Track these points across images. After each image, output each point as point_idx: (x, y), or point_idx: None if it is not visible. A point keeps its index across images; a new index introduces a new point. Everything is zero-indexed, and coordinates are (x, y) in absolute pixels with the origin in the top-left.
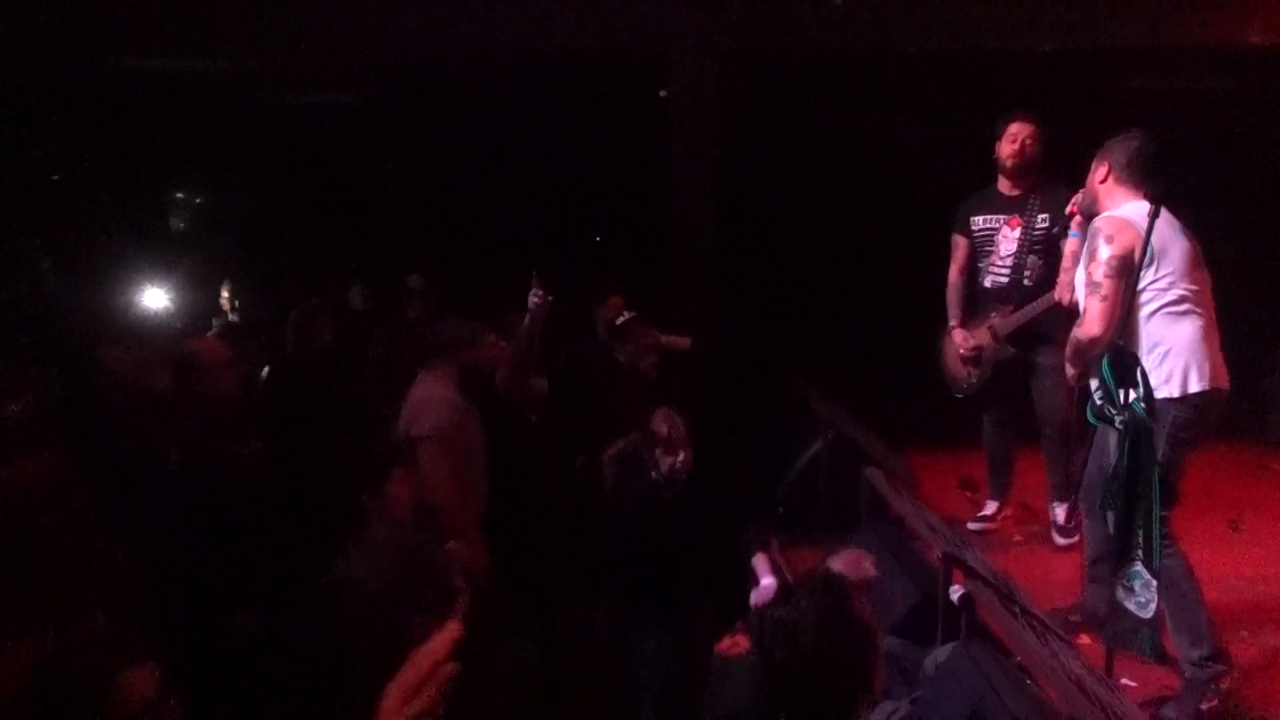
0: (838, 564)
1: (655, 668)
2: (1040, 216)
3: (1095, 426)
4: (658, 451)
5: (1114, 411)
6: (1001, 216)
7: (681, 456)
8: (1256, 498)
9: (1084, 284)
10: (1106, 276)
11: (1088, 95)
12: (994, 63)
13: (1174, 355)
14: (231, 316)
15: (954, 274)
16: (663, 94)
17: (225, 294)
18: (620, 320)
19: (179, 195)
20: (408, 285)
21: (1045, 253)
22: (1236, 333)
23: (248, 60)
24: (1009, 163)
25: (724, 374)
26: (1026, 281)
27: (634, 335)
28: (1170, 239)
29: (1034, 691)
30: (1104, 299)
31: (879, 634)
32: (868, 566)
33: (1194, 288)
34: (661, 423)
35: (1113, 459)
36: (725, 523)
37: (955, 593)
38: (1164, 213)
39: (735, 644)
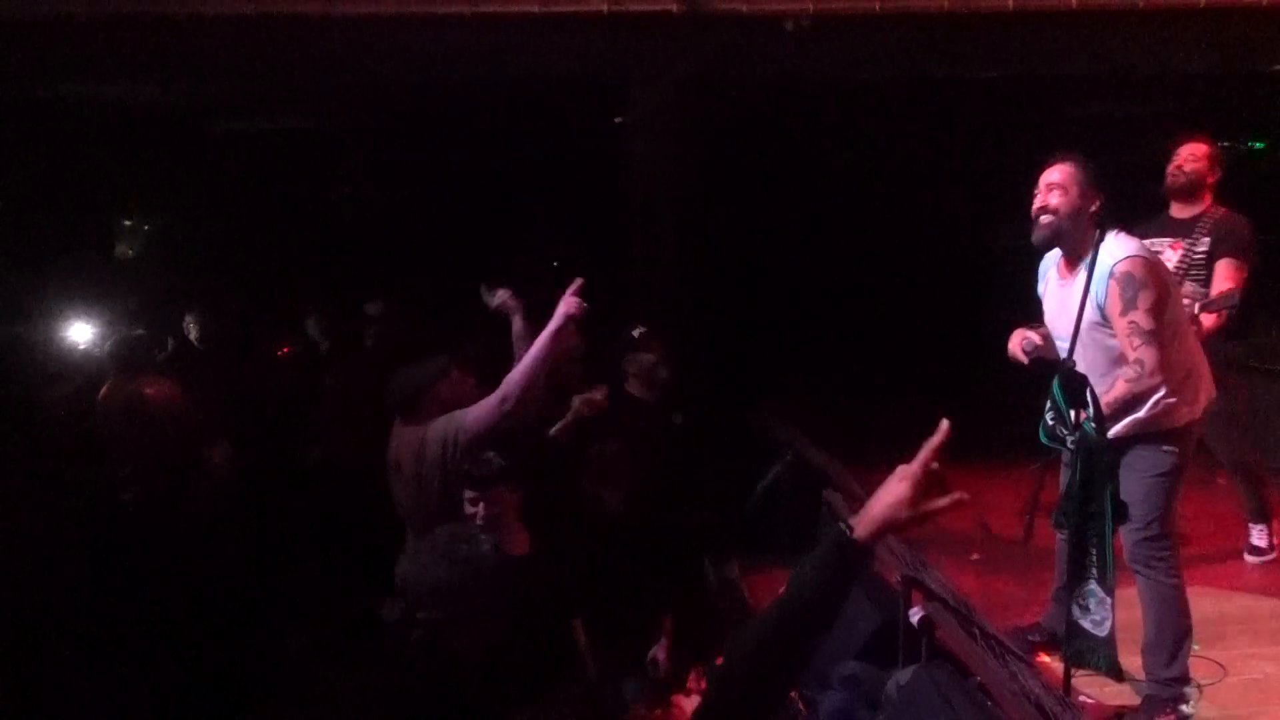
0: None
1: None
2: (1203, 241)
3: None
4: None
5: (1065, 432)
6: (1166, 240)
7: None
8: (1201, 512)
9: (1134, 333)
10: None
11: (1031, 122)
12: (943, 91)
13: (1198, 376)
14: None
15: None
16: (618, 120)
17: (190, 321)
18: (638, 333)
19: (126, 222)
20: (366, 312)
21: (1205, 280)
22: None
23: (200, 88)
24: (1167, 181)
25: (686, 401)
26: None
27: (652, 347)
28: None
29: (994, 712)
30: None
31: None
32: None
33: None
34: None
35: (1064, 479)
36: (681, 556)
37: (915, 615)
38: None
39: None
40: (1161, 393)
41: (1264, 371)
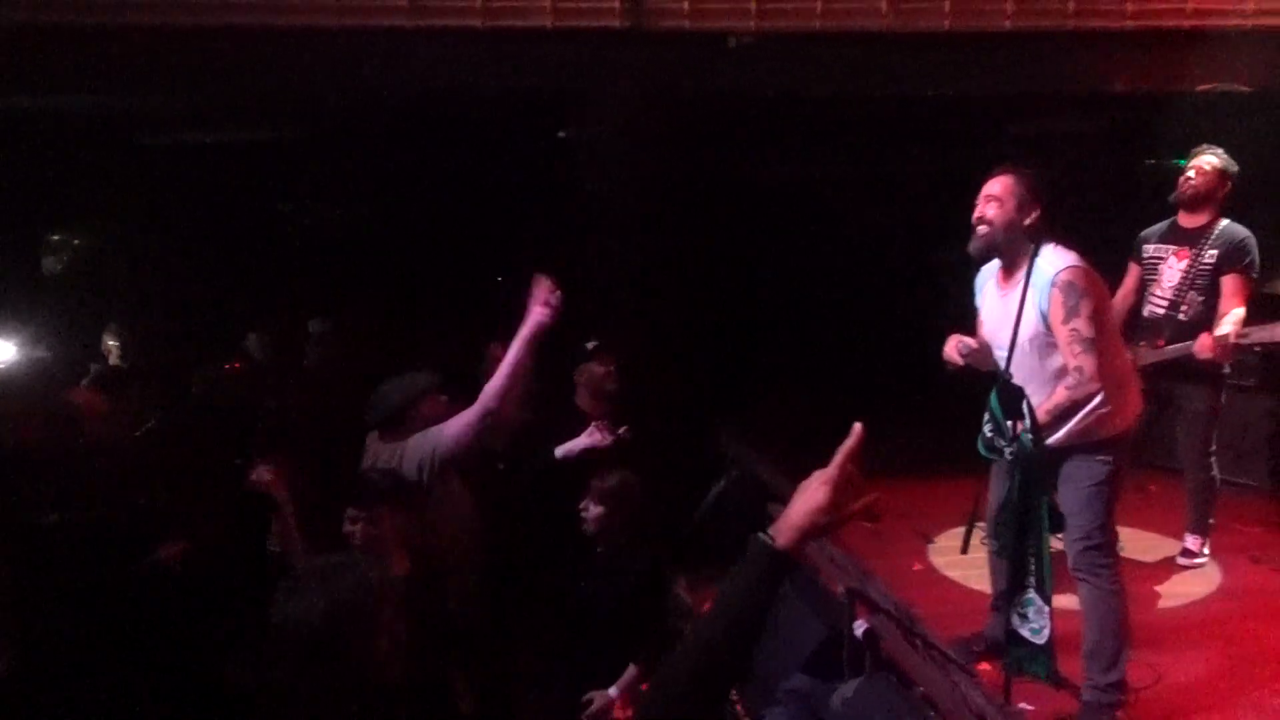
0: None
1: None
2: (1210, 252)
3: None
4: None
5: (1003, 443)
6: (1171, 247)
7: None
8: (1137, 519)
9: (1074, 341)
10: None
11: (972, 138)
12: (888, 108)
13: (1129, 387)
14: (115, 362)
15: (1118, 298)
16: (561, 135)
17: (109, 340)
18: (592, 345)
19: (55, 238)
20: (309, 330)
21: (1207, 289)
22: None
23: (136, 99)
24: (1177, 191)
25: (635, 416)
26: (1182, 316)
27: (604, 360)
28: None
29: None
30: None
31: None
32: None
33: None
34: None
35: (1002, 490)
36: (641, 578)
37: (859, 627)
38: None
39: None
40: (1097, 401)
41: (1228, 385)
